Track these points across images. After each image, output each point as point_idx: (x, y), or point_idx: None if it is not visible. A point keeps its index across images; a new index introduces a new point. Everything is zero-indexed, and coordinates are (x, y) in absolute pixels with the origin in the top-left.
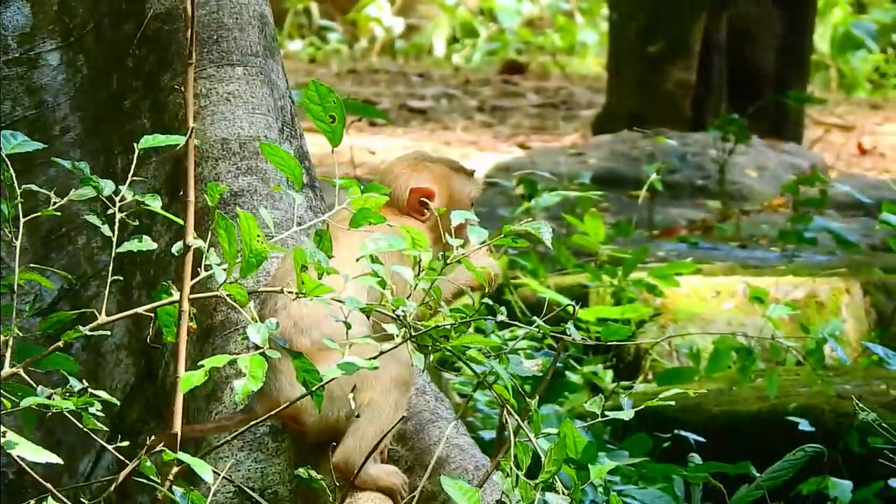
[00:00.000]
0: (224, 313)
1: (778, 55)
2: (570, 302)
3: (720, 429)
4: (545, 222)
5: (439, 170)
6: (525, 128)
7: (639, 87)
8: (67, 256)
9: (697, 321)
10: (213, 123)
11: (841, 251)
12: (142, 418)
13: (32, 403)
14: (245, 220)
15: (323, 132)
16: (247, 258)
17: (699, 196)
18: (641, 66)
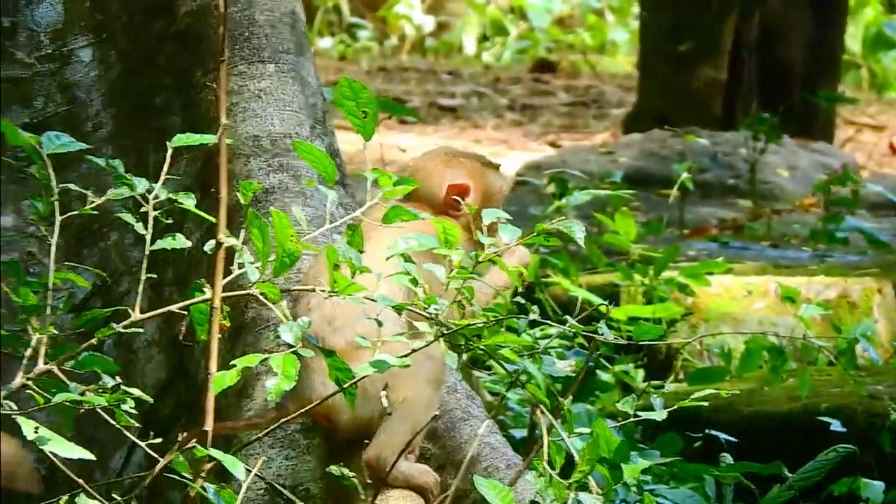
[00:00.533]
0: (256, 310)
1: (809, 54)
2: (602, 301)
3: (751, 429)
4: (577, 221)
5: (472, 165)
6: (555, 126)
7: (669, 85)
8: (100, 253)
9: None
10: (244, 121)
11: (873, 251)
12: (173, 415)
13: (65, 399)
14: (278, 220)
15: (355, 127)
16: (280, 258)
17: (730, 195)
18: (672, 65)
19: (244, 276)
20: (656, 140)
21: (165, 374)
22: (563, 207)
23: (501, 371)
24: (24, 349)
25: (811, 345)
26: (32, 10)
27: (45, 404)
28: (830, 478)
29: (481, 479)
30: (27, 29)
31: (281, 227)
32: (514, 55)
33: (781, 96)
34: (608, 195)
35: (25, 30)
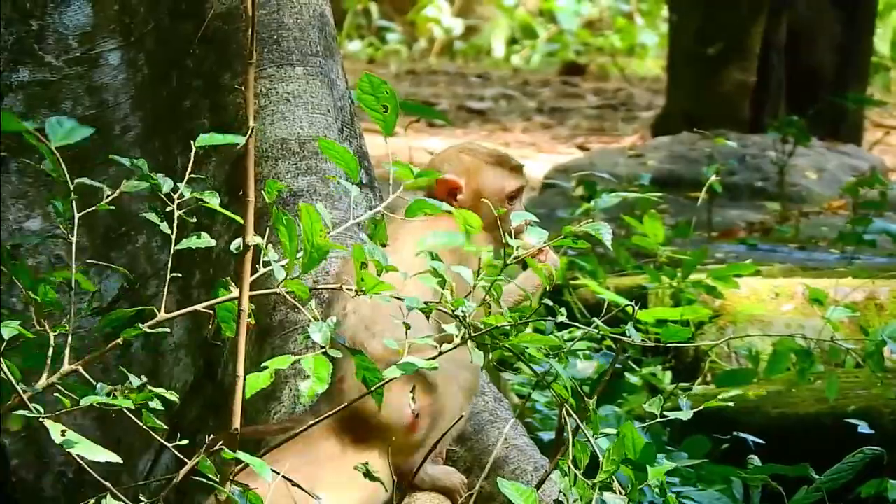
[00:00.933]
0: (283, 312)
1: (837, 57)
2: (630, 303)
3: (779, 431)
4: (605, 223)
5: (471, 161)
6: (584, 129)
7: (698, 88)
8: (127, 255)
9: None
10: (272, 123)
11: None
12: (201, 417)
13: (92, 402)
14: (307, 215)
15: (376, 122)
16: (309, 253)
17: (758, 198)
18: (700, 68)
19: (272, 277)
20: (685, 142)
21: (193, 376)
22: (591, 210)
23: (529, 373)
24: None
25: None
26: (61, 14)
27: (73, 407)
28: (858, 480)
29: (505, 481)
30: (55, 32)
31: (309, 222)
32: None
33: (810, 99)
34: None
35: (54, 33)
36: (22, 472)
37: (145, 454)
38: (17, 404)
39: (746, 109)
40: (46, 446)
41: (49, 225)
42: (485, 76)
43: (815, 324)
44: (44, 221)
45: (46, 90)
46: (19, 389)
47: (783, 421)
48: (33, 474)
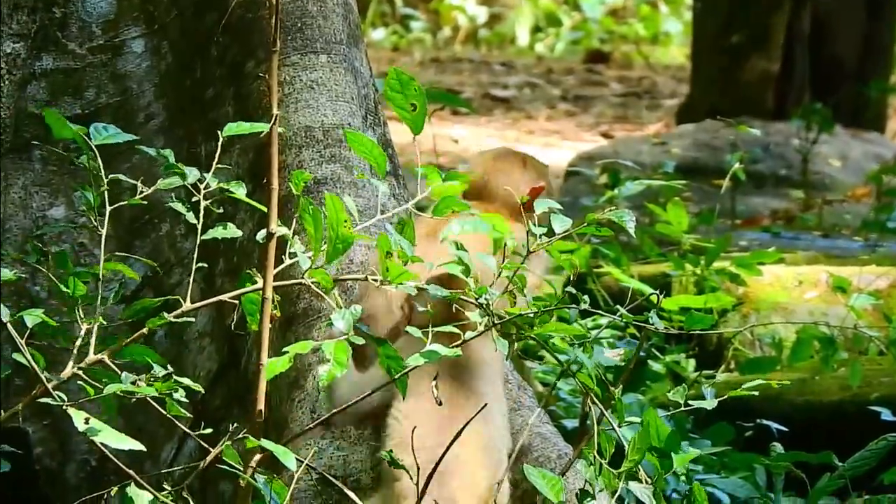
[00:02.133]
0: (307, 301)
1: (860, 46)
2: (653, 291)
3: (802, 418)
4: (628, 211)
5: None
6: (608, 117)
7: (722, 76)
8: (151, 244)
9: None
10: (296, 111)
11: None
12: (225, 405)
13: (116, 390)
14: (332, 205)
15: (405, 120)
16: (333, 243)
17: (782, 186)
18: (725, 56)
19: (296, 267)
20: (709, 131)
21: (217, 365)
22: (615, 198)
23: (553, 361)
24: (73, 340)
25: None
26: (84, 1)
27: (96, 395)
28: (880, 467)
29: (531, 468)
30: (79, 20)
31: (334, 212)
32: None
33: (833, 87)
34: (660, 185)
35: (77, 21)
36: (46, 460)
37: (169, 442)
38: (41, 393)
39: (770, 98)
40: (70, 434)
41: (73, 213)
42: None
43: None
44: (67, 209)
45: (70, 78)
46: (43, 378)
47: (807, 408)
48: (57, 462)
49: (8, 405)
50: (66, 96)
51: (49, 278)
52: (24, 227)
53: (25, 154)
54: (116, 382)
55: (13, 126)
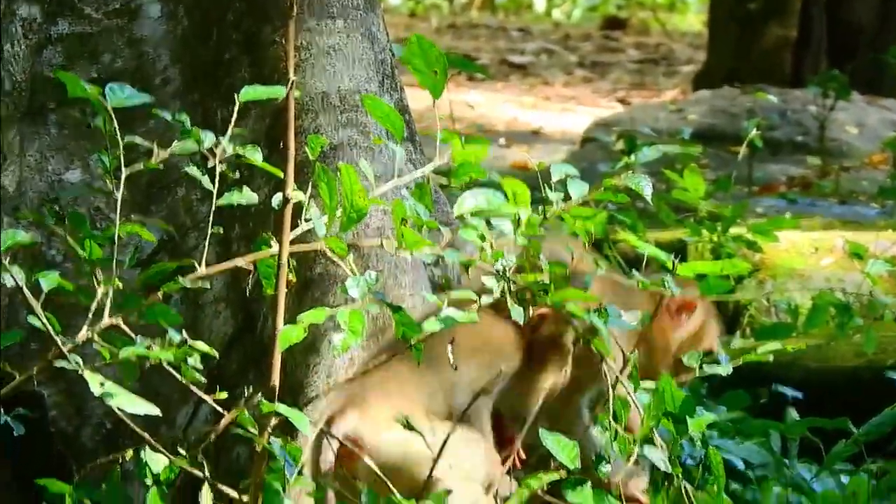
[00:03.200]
0: (323, 266)
1: (878, 12)
2: (670, 257)
3: (817, 384)
4: (645, 177)
5: None
6: (625, 83)
7: (739, 43)
8: (167, 208)
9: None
10: (313, 76)
11: None
12: (240, 370)
13: (131, 354)
14: (346, 174)
15: (424, 85)
16: (348, 212)
17: (799, 152)
18: (741, 23)
19: (312, 231)
20: (726, 97)
21: (232, 330)
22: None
23: None
24: (89, 302)
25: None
26: None
27: (112, 359)
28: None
29: (547, 433)
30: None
31: (349, 181)
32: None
33: (850, 54)
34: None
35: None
36: (62, 423)
37: (184, 407)
38: (57, 356)
39: (787, 64)
40: (86, 398)
41: (88, 177)
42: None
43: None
44: (83, 173)
45: (86, 42)
46: (59, 341)
47: (822, 375)
48: (72, 426)
49: (23, 369)
50: (82, 60)
51: (65, 242)
52: (40, 190)
53: (41, 118)
54: (132, 346)
55: (29, 90)
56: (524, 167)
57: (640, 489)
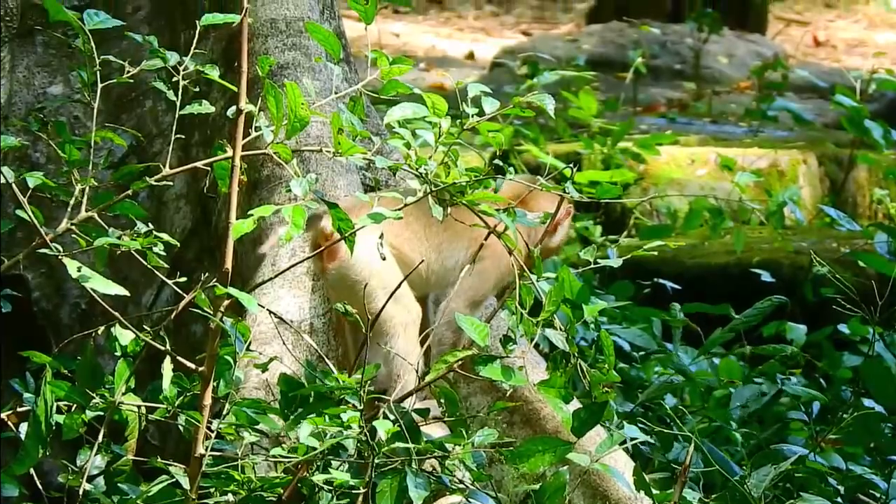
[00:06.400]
0: (270, 169)
1: None
2: (567, 166)
3: (693, 278)
4: (549, 96)
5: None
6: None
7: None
8: (136, 118)
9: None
10: (263, 5)
11: (799, 128)
12: (197, 258)
13: (104, 243)
14: (291, 90)
15: (358, 12)
16: (292, 122)
17: (677, 78)
18: None
19: (261, 139)
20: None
21: (191, 223)
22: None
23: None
24: (68, 198)
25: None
26: None
27: (87, 247)
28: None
29: (461, 316)
30: None
31: (293, 96)
32: None
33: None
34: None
35: None
36: (42, 303)
37: (149, 289)
38: (40, 244)
39: (668, 2)
40: (64, 281)
41: (69, 90)
42: None
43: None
44: (64, 87)
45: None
46: (42, 231)
47: (697, 269)
48: (52, 305)
49: (10, 255)
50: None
51: (48, 145)
52: (27, 101)
53: (29, 39)
54: (105, 236)
55: (19, 14)
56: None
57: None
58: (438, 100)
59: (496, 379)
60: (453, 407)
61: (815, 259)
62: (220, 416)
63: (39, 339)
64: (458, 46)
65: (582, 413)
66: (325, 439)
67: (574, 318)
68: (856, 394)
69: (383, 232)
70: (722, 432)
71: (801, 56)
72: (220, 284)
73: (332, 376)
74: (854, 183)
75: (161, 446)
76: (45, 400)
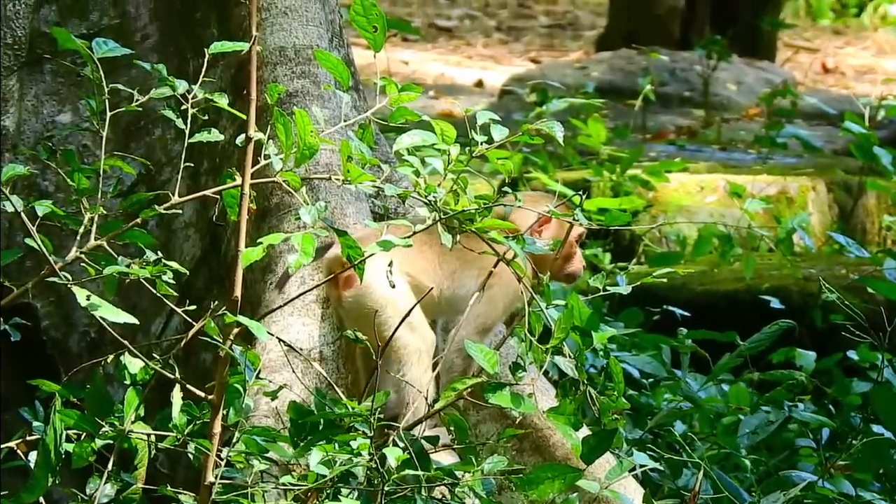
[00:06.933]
0: (279, 197)
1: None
2: (576, 193)
3: (703, 305)
4: (557, 123)
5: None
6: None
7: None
8: (145, 146)
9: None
10: (272, 33)
11: (808, 154)
12: (206, 286)
13: (113, 271)
14: (300, 118)
15: (367, 40)
16: (301, 150)
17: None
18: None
19: (270, 166)
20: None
21: (200, 251)
22: (542, 113)
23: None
24: (77, 227)
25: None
26: None
27: (97, 275)
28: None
29: (471, 344)
30: None
31: (302, 123)
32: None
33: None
34: (582, 103)
35: None
36: (52, 331)
37: (158, 317)
38: (49, 273)
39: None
40: (73, 309)
41: (78, 118)
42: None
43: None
44: (73, 115)
45: (77, 2)
46: (51, 260)
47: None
48: (61, 333)
49: (19, 284)
50: (74, 18)
51: (57, 174)
52: (36, 130)
53: (38, 68)
54: (114, 265)
55: (28, 44)
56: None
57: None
58: (447, 127)
59: (506, 406)
60: (463, 434)
61: (825, 286)
62: (230, 444)
63: (49, 368)
64: (467, 74)
65: (591, 440)
66: (335, 467)
67: (583, 346)
68: (865, 420)
69: (398, 260)
70: (731, 459)
71: (811, 83)
72: (230, 312)
73: (341, 403)
74: (863, 209)
75: (171, 474)
76: (54, 428)
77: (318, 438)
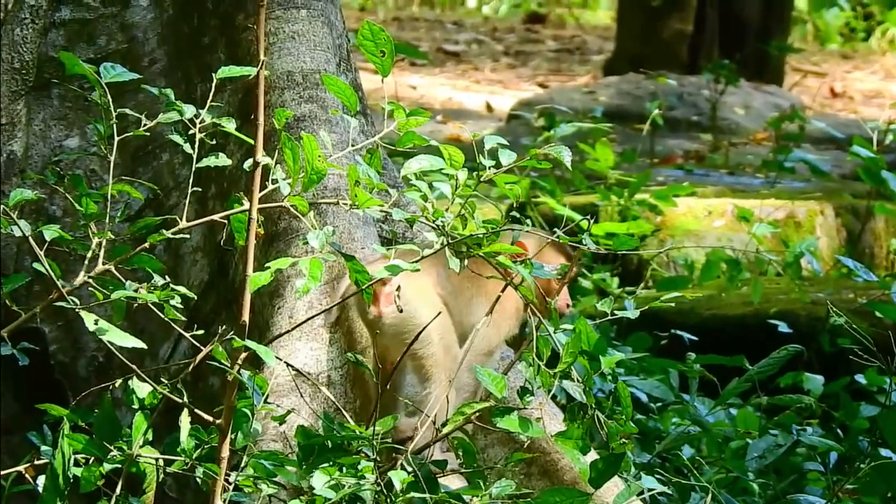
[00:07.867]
0: (287, 221)
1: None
2: (584, 217)
3: (710, 329)
4: (565, 147)
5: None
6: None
7: (643, 35)
8: (152, 171)
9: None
10: (280, 58)
11: (816, 179)
12: (214, 311)
13: (121, 296)
14: (308, 142)
15: (375, 64)
16: (309, 175)
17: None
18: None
19: (278, 191)
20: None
21: (208, 276)
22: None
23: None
24: (85, 251)
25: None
26: None
27: (105, 300)
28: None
29: (480, 368)
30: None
31: (310, 148)
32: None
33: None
34: (590, 128)
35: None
36: (59, 356)
37: (166, 342)
38: (57, 297)
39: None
40: (81, 334)
41: (85, 143)
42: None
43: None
44: (81, 140)
45: (84, 27)
46: (59, 284)
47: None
48: (69, 358)
49: (28, 308)
50: (82, 42)
51: (65, 198)
52: (43, 154)
53: (45, 92)
54: (122, 289)
55: (35, 68)
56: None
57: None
58: (455, 152)
59: (514, 431)
60: (471, 458)
61: (833, 310)
62: (238, 468)
63: (56, 393)
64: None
65: (599, 464)
66: (342, 490)
67: (591, 370)
68: (873, 444)
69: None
70: (739, 483)
71: (818, 107)
72: (238, 337)
73: (348, 427)
74: (871, 234)
75: (179, 499)
76: (62, 453)
77: (322, 461)
